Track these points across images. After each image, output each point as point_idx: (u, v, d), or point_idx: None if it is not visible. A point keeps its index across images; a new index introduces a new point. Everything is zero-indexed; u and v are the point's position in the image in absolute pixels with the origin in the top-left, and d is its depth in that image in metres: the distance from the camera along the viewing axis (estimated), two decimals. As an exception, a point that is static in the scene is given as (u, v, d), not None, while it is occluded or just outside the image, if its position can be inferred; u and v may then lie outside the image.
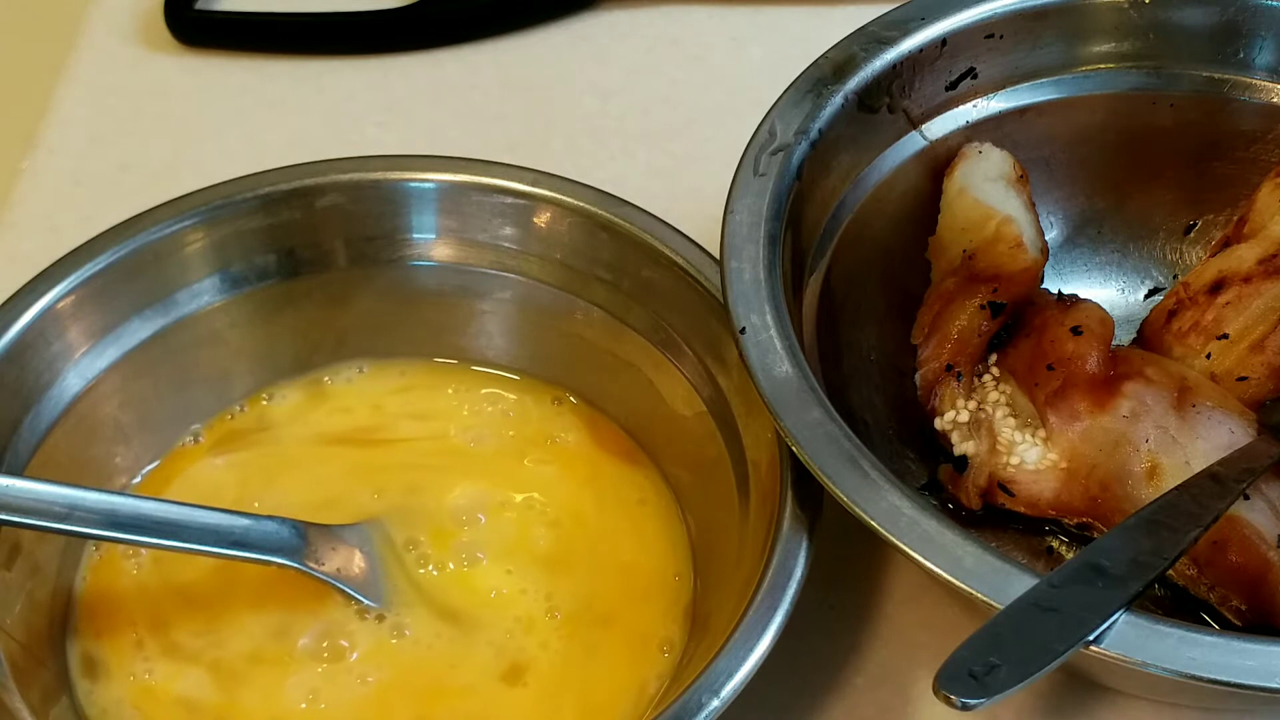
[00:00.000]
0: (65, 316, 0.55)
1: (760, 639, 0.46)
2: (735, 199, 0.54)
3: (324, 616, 0.54)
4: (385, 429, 0.60)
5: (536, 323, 0.60)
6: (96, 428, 0.56)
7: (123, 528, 0.51)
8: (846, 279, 0.59)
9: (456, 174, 0.59)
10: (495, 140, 0.73)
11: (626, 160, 0.73)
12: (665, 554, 0.56)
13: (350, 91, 0.77)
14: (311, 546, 0.53)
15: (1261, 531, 0.52)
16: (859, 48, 0.59)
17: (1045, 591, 0.44)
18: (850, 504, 0.46)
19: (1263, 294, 0.58)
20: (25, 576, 0.53)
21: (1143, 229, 0.65)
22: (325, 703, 0.52)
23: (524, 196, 0.59)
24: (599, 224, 0.58)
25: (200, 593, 0.55)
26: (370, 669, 0.52)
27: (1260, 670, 0.42)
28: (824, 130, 0.57)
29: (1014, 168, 0.61)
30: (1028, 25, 0.61)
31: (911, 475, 0.58)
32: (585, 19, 0.81)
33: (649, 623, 0.54)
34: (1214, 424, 0.54)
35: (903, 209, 0.61)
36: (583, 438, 0.60)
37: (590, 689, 0.52)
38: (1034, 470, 0.56)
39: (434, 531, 0.56)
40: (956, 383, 0.58)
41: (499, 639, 0.53)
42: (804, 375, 0.49)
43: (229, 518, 0.52)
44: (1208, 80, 0.62)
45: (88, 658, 0.53)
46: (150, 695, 0.52)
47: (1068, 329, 0.57)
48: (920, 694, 0.54)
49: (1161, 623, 0.43)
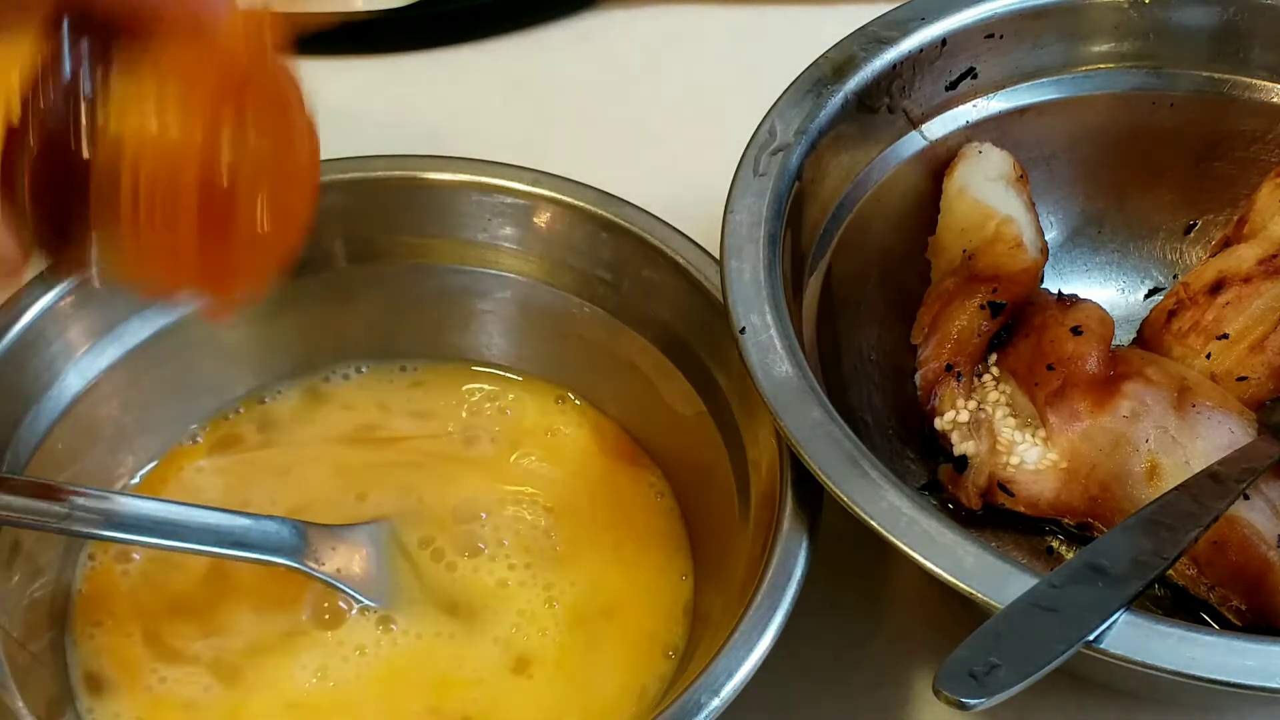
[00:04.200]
0: (65, 316, 0.55)
1: (760, 639, 0.46)
2: (735, 199, 0.54)
3: (327, 617, 0.54)
4: (385, 428, 0.60)
5: (536, 323, 0.60)
6: (96, 428, 0.56)
7: (123, 528, 0.51)
8: (846, 279, 0.59)
9: (456, 174, 0.59)
10: (495, 140, 0.73)
11: (626, 160, 0.73)
12: (665, 553, 0.57)
13: (350, 91, 0.77)
14: (311, 546, 0.53)
15: (1261, 531, 0.52)
16: (859, 48, 0.59)
17: (1045, 591, 0.44)
18: (850, 504, 0.46)
19: (1263, 294, 0.58)
20: (26, 577, 0.53)
21: (1143, 229, 0.65)
22: (333, 700, 0.52)
23: (524, 196, 0.59)
24: (599, 224, 0.58)
25: (198, 594, 0.55)
26: (378, 666, 0.53)
27: (1260, 670, 0.42)
28: (824, 130, 0.57)
29: (1014, 168, 0.61)
30: (1028, 25, 0.61)
31: (911, 475, 0.58)
32: (585, 19, 0.81)
33: (650, 622, 0.54)
34: (1214, 424, 0.54)
35: (903, 209, 0.61)
36: (582, 437, 0.60)
37: (593, 683, 0.53)
38: (1034, 470, 0.56)
39: (435, 530, 0.56)
40: (956, 383, 0.58)
41: (504, 634, 0.54)
42: (804, 375, 0.49)
43: (229, 518, 0.52)
44: (1208, 80, 0.62)
45: (90, 671, 0.53)
46: (156, 704, 0.52)
47: (1068, 329, 0.57)
48: (920, 694, 0.54)
49: (1161, 623, 0.43)
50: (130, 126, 0.39)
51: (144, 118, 0.39)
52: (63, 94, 0.38)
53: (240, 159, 0.40)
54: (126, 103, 0.39)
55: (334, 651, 0.53)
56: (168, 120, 0.39)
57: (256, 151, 0.40)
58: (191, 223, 0.39)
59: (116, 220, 0.39)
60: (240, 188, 0.40)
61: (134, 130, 0.39)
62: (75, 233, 0.40)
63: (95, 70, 0.39)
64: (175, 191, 0.39)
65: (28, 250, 0.39)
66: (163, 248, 0.40)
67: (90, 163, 0.39)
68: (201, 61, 0.40)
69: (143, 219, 0.39)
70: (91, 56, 0.39)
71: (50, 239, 0.40)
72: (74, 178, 0.39)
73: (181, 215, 0.39)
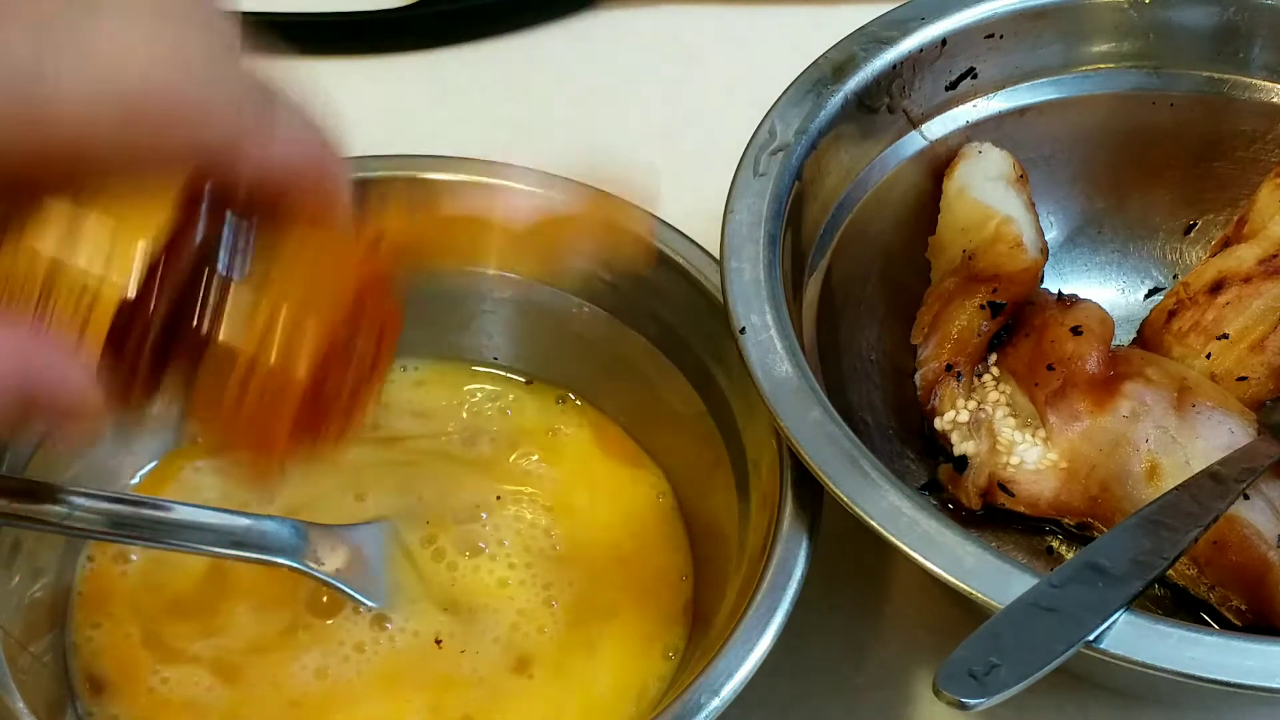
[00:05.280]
0: (65, 316, 0.55)
1: (760, 639, 0.46)
2: (735, 199, 0.54)
3: (328, 617, 0.54)
4: (385, 427, 0.60)
5: (537, 323, 0.60)
6: (96, 428, 0.56)
7: (123, 528, 0.50)
8: (846, 279, 0.59)
9: (456, 174, 0.59)
10: (495, 140, 0.73)
11: (627, 160, 0.73)
12: (665, 553, 0.56)
13: (350, 91, 0.76)
14: (312, 546, 0.53)
15: (1261, 531, 0.52)
16: (859, 48, 0.59)
17: (1045, 591, 0.44)
18: (850, 504, 0.46)
19: (1263, 294, 0.58)
20: (26, 577, 0.53)
21: (1143, 229, 0.65)
22: (334, 699, 0.52)
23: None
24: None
25: (198, 594, 0.55)
26: (378, 665, 0.52)
27: (1260, 670, 0.42)
28: (824, 130, 0.57)
29: (1014, 168, 0.61)
30: (1028, 25, 0.61)
31: (911, 475, 0.58)
32: (585, 19, 0.81)
33: (650, 623, 0.54)
34: (1214, 424, 0.54)
35: (903, 209, 0.61)
36: (583, 437, 0.60)
37: (593, 683, 0.53)
38: (1034, 470, 0.56)
39: (435, 529, 0.56)
40: (956, 383, 0.58)
41: (504, 633, 0.54)
42: (804, 375, 0.49)
43: (229, 518, 0.52)
44: (1208, 80, 0.62)
45: (90, 672, 0.53)
46: (157, 704, 0.52)
47: (1068, 329, 0.57)
48: (920, 694, 0.54)
49: (1161, 623, 0.43)
50: (258, 319, 0.38)
51: (274, 313, 0.38)
52: (193, 265, 0.38)
53: (350, 369, 0.40)
54: (258, 292, 0.38)
55: (334, 651, 0.53)
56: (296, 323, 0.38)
57: (363, 358, 0.41)
58: (289, 418, 0.39)
59: (215, 400, 0.39)
60: (341, 390, 0.41)
61: (260, 323, 0.38)
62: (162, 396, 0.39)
63: (231, 248, 0.38)
64: (284, 392, 0.39)
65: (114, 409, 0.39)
66: (251, 431, 0.40)
67: (206, 341, 0.38)
68: (332, 264, 0.40)
69: (245, 407, 0.39)
70: (229, 233, 0.38)
71: (136, 396, 0.39)
72: (182, 347, 0.38)
73: (283, 412, 0.39)
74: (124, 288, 0.36)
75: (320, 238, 0.40)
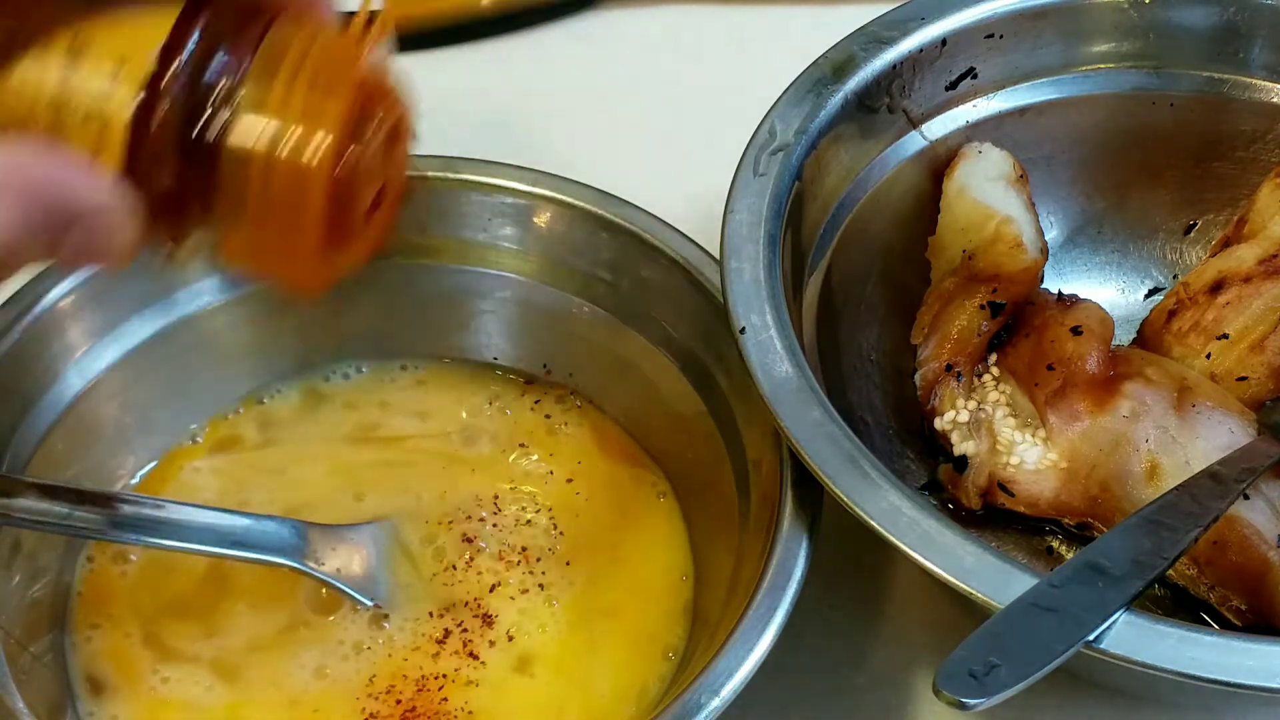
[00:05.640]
0: (65, 316, 0.55)
1: (760, 639, 0.46)
2: (735, 199, 0.54)
3: (328, 616, 0.54)
4: (385, 428, 0.60)
5: (536, 323, 0.60)
6: (96, 428, 0.56)
7: (123, 528, 0.51)
8: (846, 279, 0.59)
9: (456, 174, 0.59)
10: (495, 140, 0.73)
11: (626, 160, 0.73)
12: (665, 553, 0.57)
13: (350, 91, 0.77)
14: (312, 546, 0.53)
15: (1261, 531, 0.52)
16: (859, 48, 0.59)
17: (1045, 591, 0.44)
18: (850, 504, 0.46)
19: (1263, 294, 0.58)
20: (26, 577, 0.53)
21: (1143, 229, 0.65)
22: (334, 698, 0.52)
23: (524, 196, 0.59)
24: (599, 224, 0.58)
25: (197, 594, 0.55)
26: (378, 664, 0.53)
27: (1260, 670, 0.42)
28: (824, 130, 0.57)
29: (1014, 168, 0.61)
30: (1028, 25, 0.61)
31: (911, 475, 0.58)
32: (585, 19, 0.81)
33: (650, 623, 0.54)
34: (1214, 424, 0.54)
35: (903, 209, 0.61)
36: (583, 437, 0.60)
37: (593, 683, 0.53)
38: (1034, 470, 0.56)
39: (435, 529, 0.56)
40: (956, 383, 0.58)
41: (504, 633, 0.54)
42: (804, 375, 0.49)
43: (229, 518, 0.52)
44: (1208, 80, 0.62)
45: (90, 672, 0.53)
46: (157, 704, 0.52)
47: (1068, 329, 0.57)
48: (920, 694, 0.54)
49: (1161, 623, 0.43)
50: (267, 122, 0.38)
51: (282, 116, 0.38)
52: (198, 78, 0.38)
53: (366, 162, 0.40)
54: (264, 95, 0.38)
55: (334, 650, 0.53)
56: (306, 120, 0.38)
57: (376, 153, 0.40)
58: (316, 222, 0.39)
59: (237, 212, 0.39)
60: (361, 188, 0.40)
61: (270, 127, 0.38)
62: (186, 218, 0.39)
63: (232, 57, 0.38)
64: (305, 192, 0.38)
65: (143, 236, 0.39)
66: (279, 241, 0.39)
67: (219, 152, 0.38)
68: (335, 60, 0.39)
69: (269, 214, 0.38)
70: (228, 43, 0.38)
71: (162, 223, 0.39)
72: (196, 164, 0.38)
73: (310, 209, 0.38)
74: (132, 103, 0.37)
75: (312, 30, 0.39)
